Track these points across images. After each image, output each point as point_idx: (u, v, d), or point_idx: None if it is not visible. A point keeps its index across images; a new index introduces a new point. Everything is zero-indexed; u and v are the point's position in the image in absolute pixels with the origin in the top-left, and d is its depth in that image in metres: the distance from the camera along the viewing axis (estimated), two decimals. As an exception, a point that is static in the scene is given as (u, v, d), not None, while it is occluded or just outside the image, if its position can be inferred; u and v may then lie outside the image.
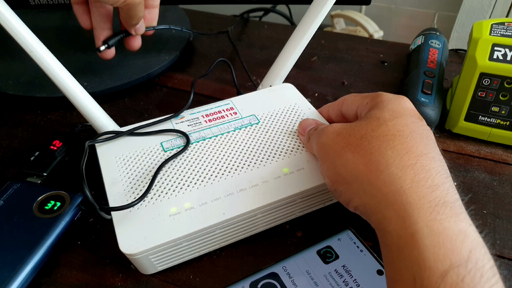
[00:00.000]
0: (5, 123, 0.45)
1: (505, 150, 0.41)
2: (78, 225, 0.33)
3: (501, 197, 0.36)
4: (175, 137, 0.36)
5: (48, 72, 0.33)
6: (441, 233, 0.21)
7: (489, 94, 0.38)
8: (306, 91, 0.49)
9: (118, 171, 0.33)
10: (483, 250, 0.21)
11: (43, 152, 0.38)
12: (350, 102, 0.33)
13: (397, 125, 0.27)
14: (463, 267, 0.20)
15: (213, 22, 0.65)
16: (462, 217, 0.22)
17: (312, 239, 0.32)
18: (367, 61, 0.56)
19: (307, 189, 0.31)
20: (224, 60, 0.47)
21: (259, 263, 0.31)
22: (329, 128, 0.29)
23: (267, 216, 0.31)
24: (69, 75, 0.35)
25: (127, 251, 0.27)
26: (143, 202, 0.30)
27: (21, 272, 0.28)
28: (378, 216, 0.24)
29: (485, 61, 0.37)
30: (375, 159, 0.25)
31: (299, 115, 0.38)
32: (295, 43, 0.40)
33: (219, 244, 0.31)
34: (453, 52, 0.57)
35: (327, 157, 0.29)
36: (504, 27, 0.39)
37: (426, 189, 0.23)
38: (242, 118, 0.37)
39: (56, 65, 0.34)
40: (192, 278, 0.30)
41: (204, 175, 0.32)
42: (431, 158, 0.25)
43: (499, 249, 0.31)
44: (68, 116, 0.46)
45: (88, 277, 0.30)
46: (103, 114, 0.37)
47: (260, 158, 0.33)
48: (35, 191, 0.33)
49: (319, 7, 0.38)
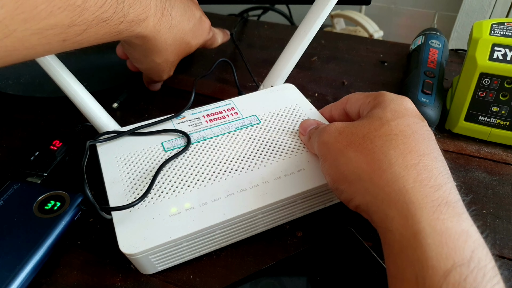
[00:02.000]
0: (5, 123, 0.45)
1: (505, 150, 0.41)
2: (78, 225, 0.33)
3: (501, 197, 0.36)
4: (176, 137, 0.36)
5: (49, 72, 0.33)
6: (444, 232, 0.21)
7: (489, 94, 0.38)
8: (306, 91, 0.49)
9: (119, 170, 0.33)
10: (485, 250, 0.21)
11: (43, 152, 0.38)
12: (353, 100, 0.33)
13: (400, 125, 0.27)
14: (465, 266, 0.20)
15: (213, 22, 0.65)
16: (464, 217, 0.22)
17: (312, 239, 0.32)
18: (367, 61, 0.56)
19: (307, 190, 0.31)
20: (226, 60, 0.47)
21: (259, 263, 0.31)
22: (331, 127, 0.29)
23: (267, 216, 0.31)
24: (70, 75, 0.35)
25: (127, 251, 0.27)
26: (144, 202, 0.30)
27: (21, 272, 0.28)
28: (381, 215, 0.24)
29: (485, 61, 0.37)
30: (377, 158, 0.25)
31: (300, 115, 0.38)
32: (296, 44, 0.40)
33: (219, 245, 0.31)
34: (453, 52, 0.57)
35: (328, 155, 0.29)
36: (504, 27, 0.39)
37: (429, 188, 0.23)
38: (243, 118, 0.37)
39: (57, 65, 0.34)
40: (192, 278, 0.30)
41: (204, 175, 0.32)
42: (433, 158, 0.25)
43: (499, 249, 0.31)
44: (68, 116, 0.46)
45: (88, 277, 0.30)
46: (104, 114, 0.37)
47: (260, 159, 0.33)
48: (35, 191, 0.33)
49: (321, 8, 0.38)
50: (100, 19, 0.26)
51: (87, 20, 0.25)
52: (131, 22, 0.30)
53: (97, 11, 0.26)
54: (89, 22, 0.26)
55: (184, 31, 0.38)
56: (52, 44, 0.25)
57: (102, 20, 0.27)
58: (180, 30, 0.37)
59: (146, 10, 0.31)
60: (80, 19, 0.25)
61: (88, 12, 0.25)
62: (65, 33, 0.25)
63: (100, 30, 0.27)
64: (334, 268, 0.28)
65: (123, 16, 0.29)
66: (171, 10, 0.35)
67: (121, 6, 0.28)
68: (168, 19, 0.35)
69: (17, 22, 0.21)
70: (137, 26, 0.31)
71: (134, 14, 0.30)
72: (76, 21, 0.25)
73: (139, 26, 0.31)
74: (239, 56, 0.56)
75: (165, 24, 0.35)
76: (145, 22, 0.32)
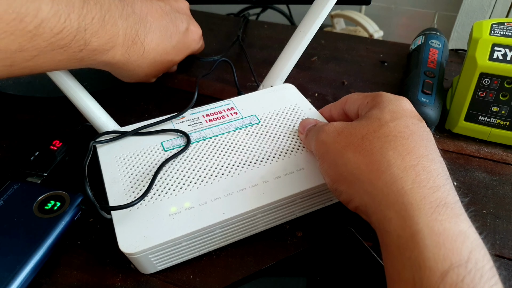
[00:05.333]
0: (5, 123, 0.45)
1: (505, 150, 0.41)
2: (78, 225, 0.33)
3: (501, 197, 0.36)
4: (176, 137, 0.36)
5: (49, 72, 0.33)
6: (441, 233, 0.21)
7: (489, 94, 0.38)
8: (306, 91, 0.49)
9: (119, 170, 0.33)
10: (483, 251, 0.21)
11: (43, 152, 0.38)
12: (352, 100, 0.33)
13: (398, 126, 0.27)
14: (463, 267, 0.20)
15: (212, 22, 0.65)
16: (463, 218, 0.22)
17: (312, 239, 0.32)
18: (367, 61, 0.56)
19: (307, 189, 0.31)
20: (226, 60, 0.47)
21: (259, 263, 0.31)
22: (329, 127, 0.29)
23: (267, 216, 0.31)
24: (69, 75, 0.35)
25: (126, 250, 0.27)
26: (143, 202, 0.30)
27: (21, 272, 0.28)
28: (379, 216, 0.24)
29: (485, 61, 0.37)
30: (376, 159, 0.25)
31: (299, 115, 0.38)
32: (296, 44, 0.40)
33: (219, 244, 0.31)
34: (453, 52, 0.57)
35: (327, 156, 0.29)
36: (504, 27, 0.39)
37: (428, 190, 0.23)
38: (243, 118, 0.37)
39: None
40: (192, 278, 0.30)
41: (204, 174, 0.32)
42: (431, 160, 0.25)
43: (499, 249, 0.31)
44: (68, 116, 0.46)
45: (88, 277, 0.30)
46: (104, 114, 0.37)
47: (260, 158, 0.33)
48: (35, 191, 0.33)
49: (320, 7, 0.38)
50: (55, 45, 0.25)
51: (39, 46, 0.24)
52: (94, 50, 0.29)
53: (52, 38, 0.24)
54: (41, 48, 0.24)
55: (165, 51, 0.37)
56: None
57: (58, 47, 0.25)
58: (159, 52, 0.36)
59: (112, 40, 0.30)
60: (30, 44, 0.23)
61: (40, 38, 0.24)
62: (11, 58, 0.23)
63: (55, 56, 0.26)
64: (334, 268, 0.28)
65: (84, 44, 0.27)
66: (145, 36, 0.33)
67: (82, 34, 0.26)
68: (140, 47, 0.33)
69: None
70: (101, 55, 0.30)
71: (98, 43, 0.28)
72: (25, 47, 0.23)
73: (104, 55, 0.30)
74: (239, 56, 0.56)
75: (137, 52, 0.33)
76: (112, 52, 0.30)
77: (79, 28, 0.26)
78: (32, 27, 0.23)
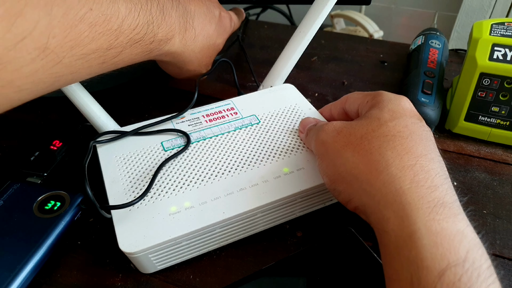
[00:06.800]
0: (5, 123, 0.45)
1: (505, 150, 0.41)
2: (78, 225, 0.33)
3: (501, 197, 0.36)
4: (176, 137, 0.36)
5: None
6: (439, 233, 0.21)
7: (489, 94, 0.38)
8: (306, 91, 0.49)
9: (119, 170, 0.33)
10: (480, 251, 0.21)
11: (43, 152, 0.38)
12: (352, 99, 0.33)
13: (398, 126, 0.27)
14: (460, 266, 0.20)
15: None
16: (460, 217, 0.22)
17: (312, 239, 0.32)
18: (367, 61, 0.56)
19: (307, 189, 0.31)
20: (226, 60, 0.47)
21: (259, 263, 0.31)
22: (329, 126, 0.29)
23: (267, 215, 0.31)
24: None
25: (126, 249, 0.27)
26: (143, 201, 0.30)
27: (21, 272, 0.28)
28: (377, 216, 0.24)
29: (485, 61, 0.37)
30: (375, 159, 0.25)
31: (299, 115, 0.38)
32: (296, 44, 0.40)
33: (219, 244, 0.31)
34: (453, 52, 0.57)
35: (326, 155, 0.29)
36: (504, 27, 0.39)
37: (425, 189, 0.23)
38: (243, 118, 0.37)
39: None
40: (192, 278, 0.30)
41: (204, 174, 0.32)
42: (430, 159, 0.25)
43: (499, 249, 0.31)
44: (68, 116, 0.46)
45: (88, 277, 0.30)
46: (104, 114, 0.37)
47: (260, 158, 0.33)
48: (35, 191, 0.33)
49: (320, 7, 0.38)
50: (133, 40, 0.28)
51: (122, 42, 0.27)
52: (160, 41, 0.32)
53: (131, 34, 0.28)
54: (124, 44, 0.28)
55: (208, 35, 0.39)
56: (93, 67, 0.26)
57: (135, 41, 0.29)
58: (204, 36, 0.39)
59: (172, 29, 0.33)
60: (116, 42, 0.27)
61: (123, 35, 0.27)
62: (104, 56, 0.26)
63: (133, 50, 0.29)
64: (334, 268, 0.28)
65: (153, 36, 0.31)
66: (192, 22, 0.37)
67: (151, 27, 0.30)
68: (191, 32, 0.36)
69: (65, 49, 0.23)
70: (165, 45, 0.33)
71: (162, 34, 0.32)
72: (113, 44, 0.26)
73: (167, 44, 0.33)
74: (239, 56, 0.56)
75: (190, 37, 0.36)
76: (172, 40, 0.34)
77: (148, 22, 0.29)
78: (117, 26, 0.26)
